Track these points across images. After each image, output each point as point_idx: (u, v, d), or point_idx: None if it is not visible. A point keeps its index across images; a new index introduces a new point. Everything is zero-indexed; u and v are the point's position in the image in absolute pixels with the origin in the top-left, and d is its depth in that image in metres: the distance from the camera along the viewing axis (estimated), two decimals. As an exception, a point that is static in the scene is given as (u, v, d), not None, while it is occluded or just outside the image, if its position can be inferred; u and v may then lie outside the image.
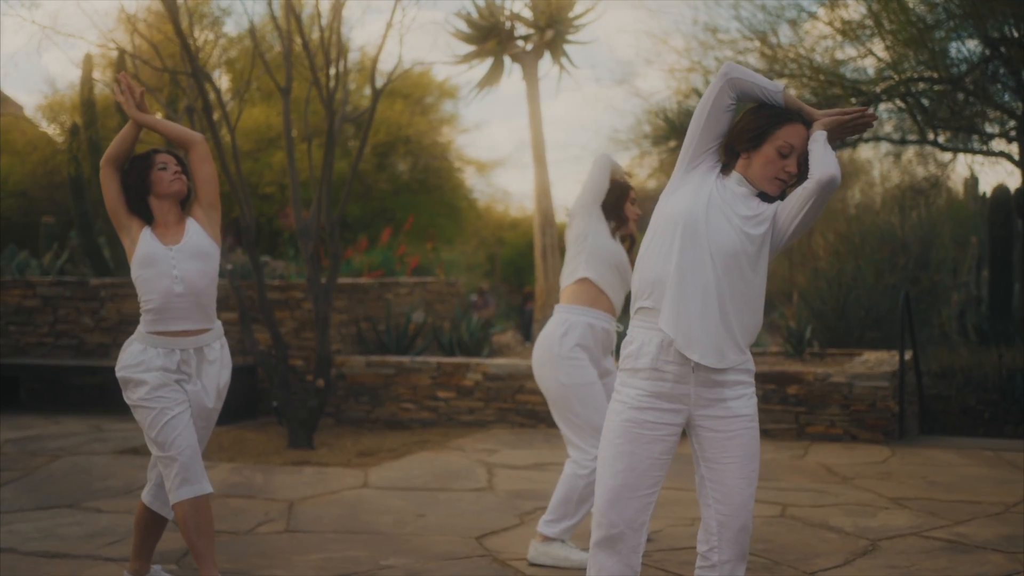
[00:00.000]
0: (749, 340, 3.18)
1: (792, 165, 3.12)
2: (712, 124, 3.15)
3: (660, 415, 3.13)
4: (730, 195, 3.15)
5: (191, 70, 7.81)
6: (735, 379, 3.15)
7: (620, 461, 3.16)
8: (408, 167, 21.11)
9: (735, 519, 3.16)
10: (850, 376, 8.02)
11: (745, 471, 3.16)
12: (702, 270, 3.09)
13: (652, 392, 3.13)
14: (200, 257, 4.18)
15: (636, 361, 3.15)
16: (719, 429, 3.15)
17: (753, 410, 3.19)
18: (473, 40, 10.29)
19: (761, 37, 15.58)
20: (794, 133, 3.12)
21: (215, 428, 8.53)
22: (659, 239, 3.17)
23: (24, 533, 5.31)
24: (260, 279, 8.19)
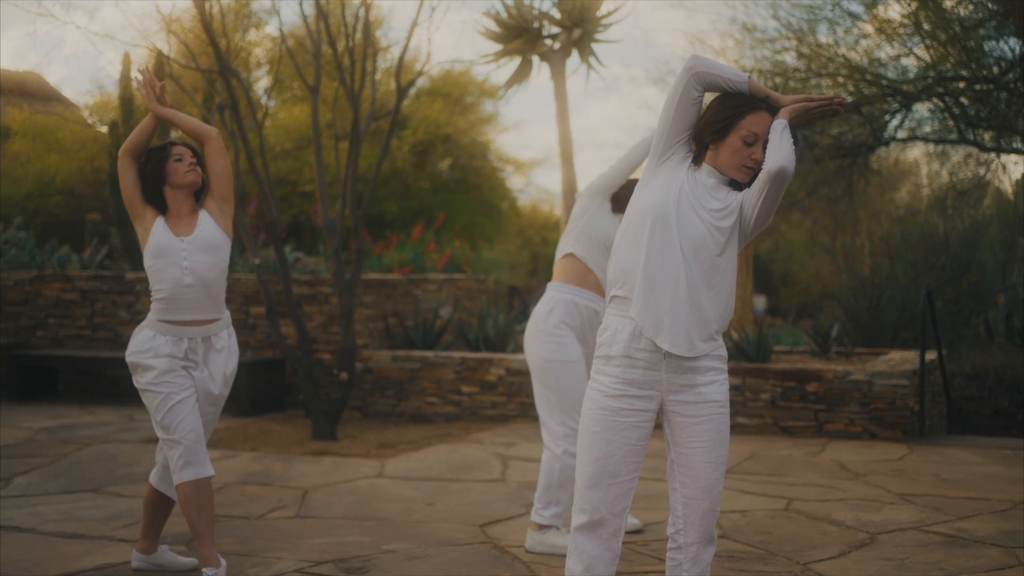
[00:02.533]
0: (720, 327, 3.25)
1: (758, 152, 3.19)
2: (680, 117, 3.23)
3: (633, 402, 3.21)
4: (700, 188, 3.22)
5: (219, 68, 7.99)
6: (707, 365, 3.23)
7: (597, 448, 3.24)
8: (447, 166, 21.27)
9: (700, 502, 3.24)
10: (870, 374, 8.02)
11: (712, 455, 3.24)
12: (672, 261, 3.17)
13: (625, 379, 3.21)
14: (210, 250, 4.33)
15: (610, 348, 3.24)
16: (689, 414, 3.23)
17: (724, 396, 3.27)
18: (502, 39, 10.40)
19: (799, 36, 15.54)
20: (758, 121, 3.18)
21: (242, 419, 8.75)
22: (632, 230, 3.25)
23: (45, 515, 5.49)
24: (286, 274, 8.35)
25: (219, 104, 8.82)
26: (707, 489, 3.24)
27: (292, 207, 18.60)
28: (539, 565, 4.61)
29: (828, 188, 16.57)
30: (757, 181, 3.17)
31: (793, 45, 15.48)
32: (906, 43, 14.68)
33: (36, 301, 10.63)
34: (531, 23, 10.26)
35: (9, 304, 10.70)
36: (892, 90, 14.26)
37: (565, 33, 10.28)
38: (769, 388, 8.23)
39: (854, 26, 15.64)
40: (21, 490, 6.09)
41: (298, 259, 11.55)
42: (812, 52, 15.11)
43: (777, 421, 8.19)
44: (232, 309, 9.98)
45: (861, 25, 15.53)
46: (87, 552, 4.81)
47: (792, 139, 3.16)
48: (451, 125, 20.11)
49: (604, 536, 3.26)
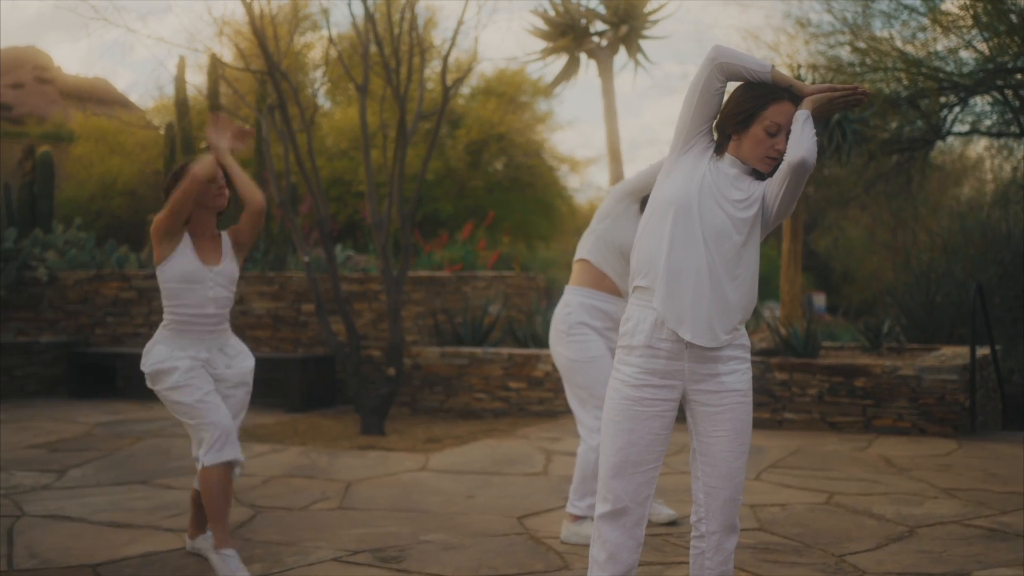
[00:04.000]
0: (743, 317, 3.26)
1: (781, 143, 3.18)
2: (702, 107, 3.24)
3: (656, 391, 3.23)
4: (722, 178, 3.23)
5: (268, 69, 8.13)
6: (729, 354, 3.24)
7: (620, 438, 3.26)
8: (501, 165, 21.34)
9: (722, 490, 3.25)
10: (919, 369, 7.94)
11: (734, 444, 3.25)
12: (694, 251, 3.18)
13: (647, 369, 3.22)
14: (231, 284, 4.50)
15: (632, 339, 3.26)
16: (711, 403, 3.24)
17: (746, 385, 3.27)
18: (549, 37, 10.43)
19: (854, 30, 15.38)
20: (780, 112, 3.18)
21: (292, 415, 8.88)
22: (654, 220, 3.27)
23: (96, 505, 5.64)
24: (334, 272, 8.47)
25: (270, 105, 8.97)
26: (728, 478, 3.25)
27: (347, 207, 18.78)
28: (573, 556, 4.64)
29: (886, 184, 16.38)
30: (778, 172, 3.17)
31: (848, 39, 15.33)
32: (964, 35, 14.46)
33: (95, 300, 10.88)
34: (578, 20, 10.28)
35: (69, 303, 10.97)
36: (950, 83, 14.07)
37: (612, 30, 10.30)
38: (816, 383, 8.17)
39: (911, 19, 15.46)
40: (74, 481, 6.25)
41: (349, 257, 11.69)
42: (868, 46, 14.96)
43: (824, 416, 8.13)
44: (283, 306, 10.14)
45: (918, 18, 15.34)
46: (133, 540, 4.94)
47: (815, 130, 3.16)
48: (505, 124, 20.18)
49: (627, 524, 3.29)
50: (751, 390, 3.30)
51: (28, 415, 8.99)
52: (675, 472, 6.39)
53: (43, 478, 6.34)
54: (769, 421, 8.26)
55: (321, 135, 19.05)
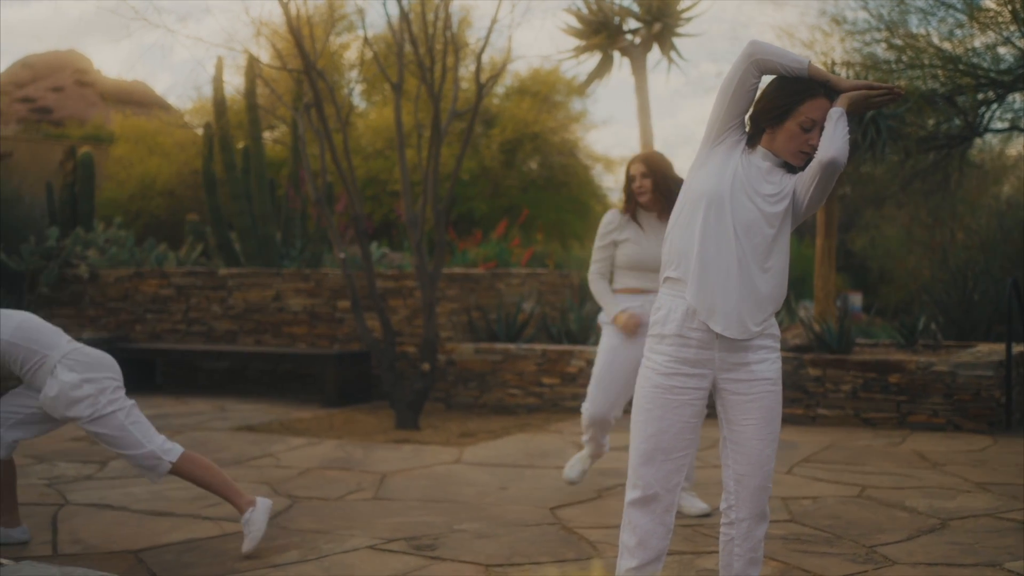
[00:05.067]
0: (774, 309, 3.30)
1: (815, 138, 3.21)
2: (736, 102, 3.26)
3: (686, 380, 3.27)
4: (754, 171, 3.26)
5: (304, 68, 8.23)
6: (759, 344, 3.27)
7: (651, 425, 3.30)
8: (536, 164, 21.39)
9: (751, 478, 3.29)
10: (953, 365, 7.92)
11: (763, 432, 3.28)
12: (726, 244, 3.22)
13: (678, 358, 3.27)
14: None
15: (663, 328, 3.30)
16: (741, 392, 3.28)
17: (775, 374, 3.31)
18: (583, 35, 10.48)
19: (890, 27, 15.31)
20: (816, 107, 3.19)
21: (328, 410, 8.99)
22: (687, 213, 3.31)
23: (137, 495, 5.76)
24: (370, 269, 8.56)
25: (306, 104, 9.08)
26: (759, 466, 3.28)
27: (382, 206, 18.91)
28: (604, 544, 4.69)
29: (922, 182, 16.27)
30: (809, 168, 3.19)
31: (884, 37, 15.26)
32: (1002, 32, 14.36)
33: (135, 297, 11.05)
34: (612, 18, 10.32)
35: (110, 300, 11.15)
36: (987, 80, 13.98)
37: (645, 27, 10.33)
38: (850, 379, 8.17)
39: (948, 15, 15.36)
40: (116, 472, 6.38)
41: (384, 255, 11.79)
42: (904, 43, 14.88)
43: (858, 412, 8.13)
44: (320, 303, 10.26)
45: (955, 14, 15.24)
46: (174, 528, 5.04)
47: (848, 128, 3.18)
48: (539, 123, 20.23)
49: (657, 511, 3.33)
50: (780, 379, 3.33)
51: (70, 409, 9.15)
52: (708, 466, 6.42)
53: (86, 469, 6.48)
54: (802, 417, 8.27)
55: (357, 135, 19.18)
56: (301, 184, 12.01)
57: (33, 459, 6.75)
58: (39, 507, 5.41)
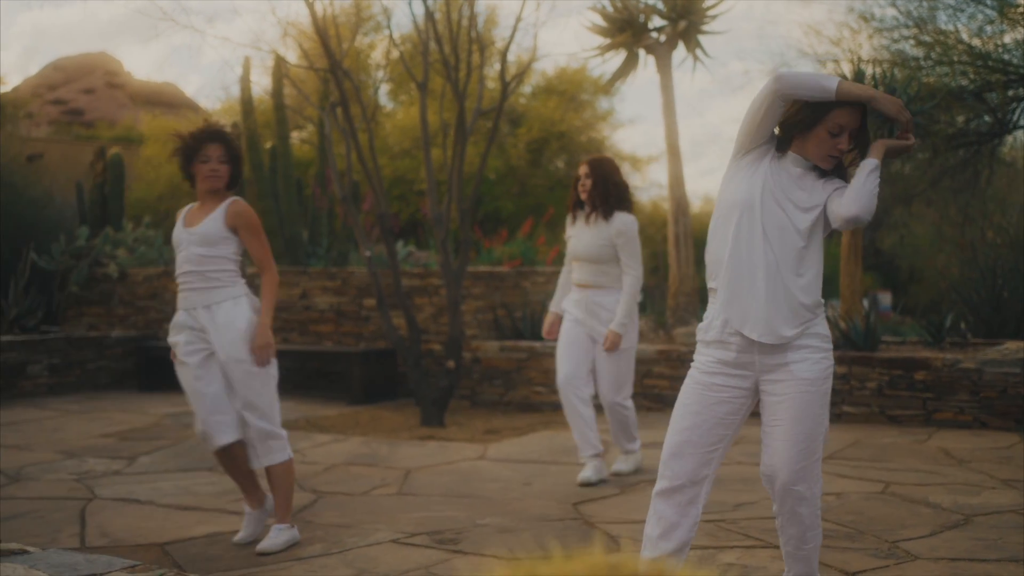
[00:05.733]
0: (811, 314, 3.30)
1: (843, 142, 3.24)
2: (763, 128, 3.30)
3: (727, 379, 3.34)
4: (785, 177, 3.29)
5: (330, 67, 8.29)
6: (801, 343, 3.30)
7: (686, 419, 3.37)
8: (563, 163, 21.40)
9: (775, 478, 3.33)
10: (980, 362, 7.87)
11: (790, 432, 3.30)
12: (756, 250, 3.26)
13: (720, 360, 3.35)
14: (207, 243, 4.58)
15: (706, 334, 3.39)
16: (778, 392, 3.32)
17: (815, 374, 3.31)
18: (607, 33, 10.48)
19: (919, 24, 15.22)
20: (844, 114, 3.21)
21: (354, 407, 9.02)
22: (720, 223, 3.36)
23: (164, 489, 5.83)
24: (395, 267, 8.61)
25: (332, 103, 9.14)
26: (782, 466, 3.31)
27: (409, 205, 18.98)
28: (627, 539, 4.71)
29: (951, 179, 16.16)
30: (838, 205, 3.23)
31: (912, 33, 15.17)
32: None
33: (163, 295, 11.15)
34: (636, 16, 10.32)
35: (138, 298, 11.25)
36: (1018, 77, 13.86)
37: (670, 25, 10.32)
38: (876, 376, 8.14)
39: (978, 12, 15.25)
40: (144, 468, 6.46)
41: (410, 253, 11.85)
42: (933, 39, 14.79)
43: (884, 410, 8.10)
44: (346, 301, 10.31)
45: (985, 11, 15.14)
46: (200, 522, 5.10)
47: (879, 181, 3.19)
48: (565, 122, 20.24)
49: (682, 503, 3.37)
50: (823, 379, 3.34)
51: (100, 406, 9.27)
52: (737, 463, 6.42)
53: (114, 464, 6.56)
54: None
55: (384, 134, 19.26)
56: (328, 183, 12.09)
57: (63, 455, 6.84)
58: (68, 501, 5.49)
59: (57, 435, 7.69)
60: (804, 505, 3.37)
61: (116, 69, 37.60)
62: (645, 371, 8.88)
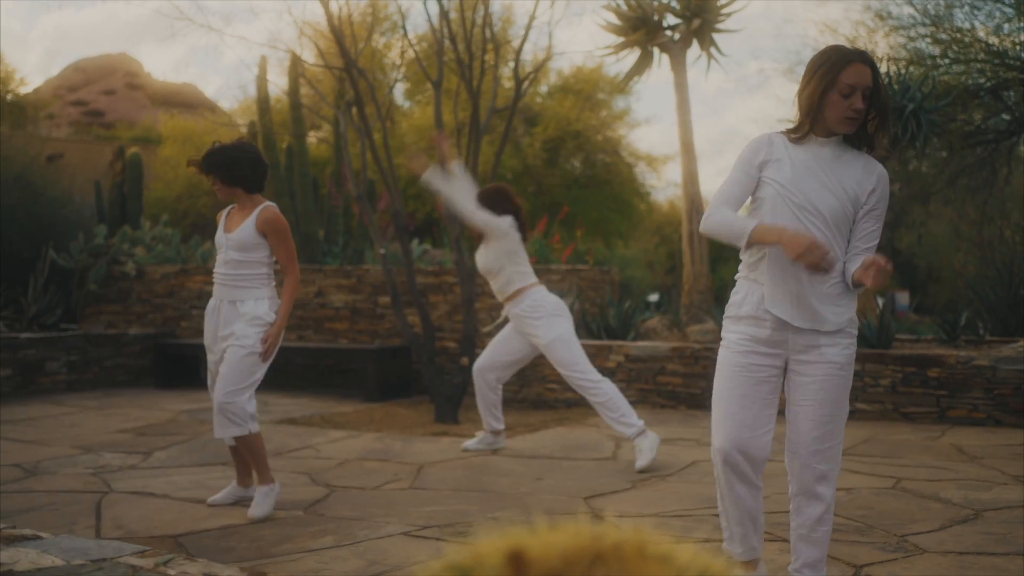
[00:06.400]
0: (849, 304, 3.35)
1: (857, 102, 3.23)
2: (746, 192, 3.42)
3: (761, 358, 3.37)
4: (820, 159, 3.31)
5: (345, 65, 8.34)
6: (835, 329, 3.34)
7: (733, 404, 3.39)
8: (579, 162, 21.43)
9: (798, 456, 3.39)
10: (994, 359, 7.86)
11: (817, 413, 3.34)
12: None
13: (752, 337, 3.37)
14: (242, 248, 5.10)
15: (739, 309, 3.41)
16: (808, 373, 3.35)
17: (845, 359, 3.36)
18: (622, 32, 10.50)
19: (935, 22, 15.17)
20: (852, 73, 3.22)
21: (369, 404, 9.07)
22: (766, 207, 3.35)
23: (179, 483, 5.88)
24: (410, 264, 8.65)
25: (347, 102, 9.19)
26: (806, 444, 3.37)
27: (425, 204, 19.04)
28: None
29: (969, 178, 16.11)
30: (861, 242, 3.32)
31: (929, 31, 15.13)
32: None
33: (180, 293, 11.24)
34: (650, 15, 10.33)
35: (156, 296, 11.34)
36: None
37: (684, 24, 10.33)
38: (889, 374, 8.13)
39: (995, 9, 15.20)
40: (159, 462, 6.52)
41: (426, 251, 11.89)
42: (950, 37, 14.74)
43: (897, 407, 8.09)
44: (361, 299, 10.37)
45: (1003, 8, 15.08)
46: (213, 514, 5.15)
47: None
48: (581, 121, 20.26)
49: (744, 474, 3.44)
50: (850, 364, 3.40)
51: (117, 403, 9.35)
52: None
53: (130, 459, 6.62)
54: (841, 411, 8.23)
55: (400, 133, 19.33)
56: (343, 182, 12.15)
57: (80, 450, 6.91)
58: (84, 494, 5.55)
59: (74, 430, 7.77)
60: (823, 484, 3.40)
61: (136, 70, 37.82)
62: (658, 369, 8.90)
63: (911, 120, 9.34)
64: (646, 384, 8.92)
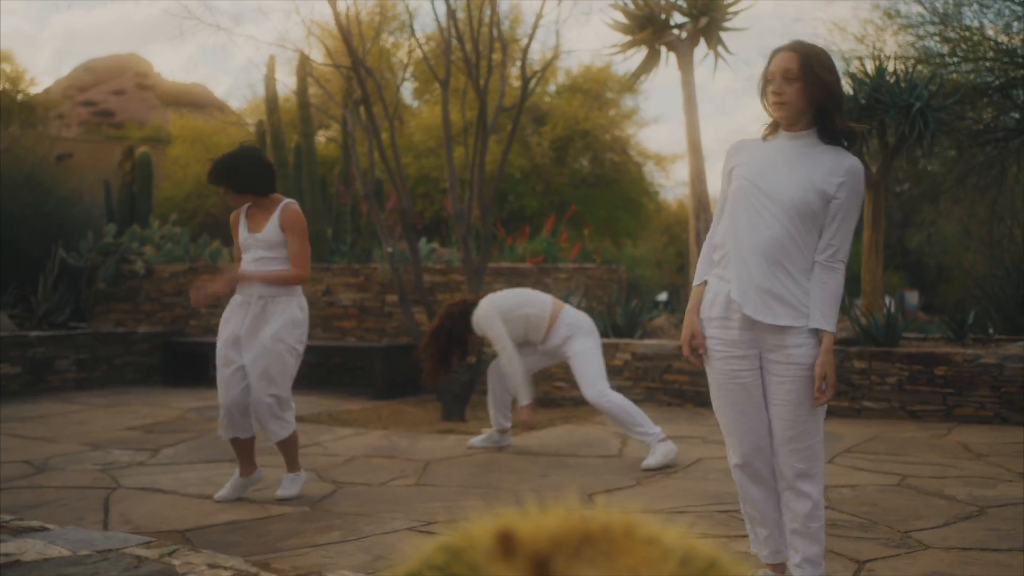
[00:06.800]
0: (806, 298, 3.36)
1: (776, 85, 3.33)
2: None
3: (738, 362, 3.41)
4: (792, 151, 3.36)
5: (352, 64, 8.37)
6: (798, 326, 3.34)
7: (733, 419, 3.48)
8: (587, 161, 21.45)
9: (777, 456, 3.42)
10: (1001, 357, 7.86)
11: (791, 414, 3.36)
12: (759, 229, 3.31)
13: (723, 340, 3.40)
14: (270, 247, 5.30)
15: (710, 310, 3.43)
16: (777, 373, 3.37)
17: (812, 360, 3.36)
18: (629, 31, 10.52)
19: (944, 20, 15.16)
20: (775, 62, 3.35)
21: (376, 402, 9.10)
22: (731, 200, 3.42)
23: (187, 479, 5.92)
24: (417, 262, 8.68)
25: (355, 100, 9.22)
26: (783, 443, 3.39)
27: (434, 203, 19.08)
28: (640, 529, 4.75)
29: (978, 177, 16.08)
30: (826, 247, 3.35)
31: (938, 30, 15.11)
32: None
33: (189, 292, 11.26)
34: (658, 13, 10.35)
35: (165, 295, 11.39)
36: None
37: (691, 22, 10.35)
38: (896, 372, 8.13)
39: (1004, 7, 15.18)
40: (167, 459, 6.56)
41: (433, 250, 11.93)
42: (959, 36, 14.73)
43: (904, 405, 8.09)
44: (369, 297, 10.40)
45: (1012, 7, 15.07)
46: (220, 510, 5.18)
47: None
48: (590, 120, 20.27)
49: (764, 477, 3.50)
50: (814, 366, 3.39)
51: (126, 400, 9.40)
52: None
53: (138, 456, 6.66)
54: (847, 409, 8.25)
55: (408, 132, 19.37)
56: (351, 181, 12.18)
57: (88, 447, 6.95)
58: (92, 490, 5.58)
59: (83, 428, 7.82)
60: (807, 482, 3.41)
61: (146, 70, 37.94)
62: (665, 367, 8.91)
63: (918, 118, 9.33)
64: (653, 382, 8.94)
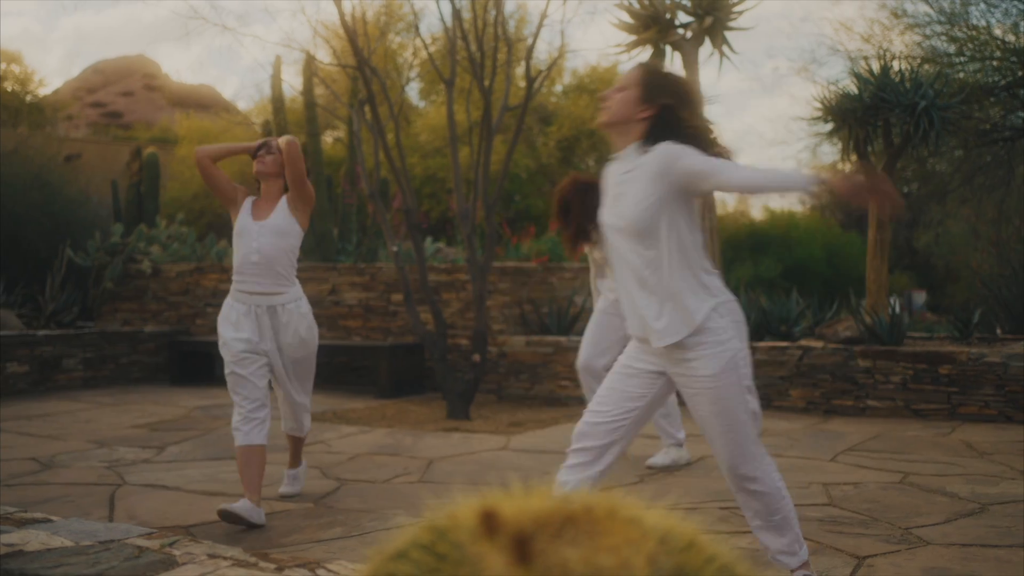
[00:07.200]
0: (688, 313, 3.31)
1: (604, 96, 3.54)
2: None
3: (645, 363, 3.47)
4: (620, 170, 3.49)
5: (357, 64, 8.40)
6: (696, 340, 3.31)
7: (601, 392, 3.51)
8: (593, 161, 21.45)
9: (721, 461, 3.46)
10: (1005, 356, 7.85)
11: (716, 424, 3.37)
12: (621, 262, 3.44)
13: (640, 347, 3.50)
14: (279, 234, 4.98)
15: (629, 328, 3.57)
16: (687, 386, 3.40)
17: (715, 369, 3.29)
18: (634, 30, 10.53)
19: (951, 19, 15.15)
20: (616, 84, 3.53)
21: (382, 400, 9.13)
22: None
23: (191, 477, 5.95)
24: (422, 262, 8.70)
25: (360, 100, 9.25)
26: (718, 451, 3.44)
27: (440, 203, 19.10)
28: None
29: (985, 176, 16.06)
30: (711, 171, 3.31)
31: (945, 29, 15.10)
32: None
33: (195, 291, 11.32)
34: (662, 13, 10.36)
35: (171, 294, 11.43)
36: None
37: (696, 21, 10.36)
38: (900, 370, 8.14)
39: (1012, 6, 15.17)
40: (172, 456, 6.59)
41: (439, 250, 11.96)
42: (966, 35, 14.71)
43: (908, 404, 8.10)
44: (374, 296, 10.43)
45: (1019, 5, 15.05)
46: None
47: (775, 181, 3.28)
48: (595, 120, 20.29)
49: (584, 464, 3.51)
50: (727, 370, 3.31)
51: (132, 399, 9.44)
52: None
53: (144, 453, 6.70)
54: (851, 408, 8.25)
55: (415, 132, 19.41)
56: (357, 180, 12.22)
57: (95, 444, 6.99)
58: (97, 487, 5.62)
59: (89, 426, 7.86)
60: (755, 483, 3.40)
61: (154, 72, 38.04)
62: (670, 365, 8.94)
63: (923, 117, 9.34)
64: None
